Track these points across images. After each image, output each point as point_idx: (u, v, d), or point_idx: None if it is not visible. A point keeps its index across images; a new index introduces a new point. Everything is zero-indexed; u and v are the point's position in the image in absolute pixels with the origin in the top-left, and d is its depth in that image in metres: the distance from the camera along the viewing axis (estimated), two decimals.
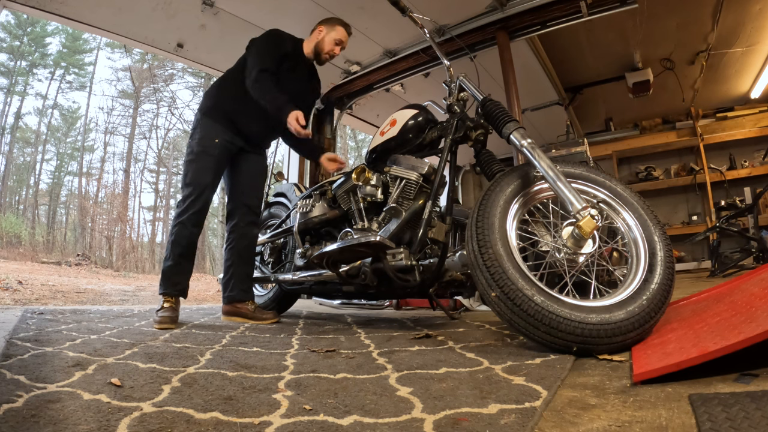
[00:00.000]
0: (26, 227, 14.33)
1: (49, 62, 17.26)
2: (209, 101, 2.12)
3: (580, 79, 4.81)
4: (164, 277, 1.96)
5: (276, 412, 0.71)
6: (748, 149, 5.43)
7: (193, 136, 2.08)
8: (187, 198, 1.98)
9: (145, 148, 18.39)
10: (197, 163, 2.02)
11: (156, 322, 1.75)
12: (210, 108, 2.10)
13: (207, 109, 2.10)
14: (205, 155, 2.02)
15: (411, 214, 1.71)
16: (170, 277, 1.96)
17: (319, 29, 2.17)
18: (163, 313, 1.82)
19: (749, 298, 1.06)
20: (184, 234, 1.97)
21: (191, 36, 3.30)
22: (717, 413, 0.60)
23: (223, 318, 2.11)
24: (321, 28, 2.16)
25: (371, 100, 4.40)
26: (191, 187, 1.99)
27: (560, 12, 2.97)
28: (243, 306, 2.09)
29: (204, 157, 2.02)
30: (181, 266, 1.98)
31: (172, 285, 1.95)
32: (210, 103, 2.11)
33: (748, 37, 4.06)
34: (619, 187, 1.40)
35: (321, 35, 2.15)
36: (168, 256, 1.98)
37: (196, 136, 2.06)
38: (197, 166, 2.01)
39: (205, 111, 2.09)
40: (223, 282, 2.17)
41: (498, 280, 1.15)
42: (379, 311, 2.85)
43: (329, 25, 2.17)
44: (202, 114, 2.09)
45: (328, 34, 2.14)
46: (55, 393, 0.78)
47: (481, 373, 0.94)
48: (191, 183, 2.00)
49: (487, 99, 1.63)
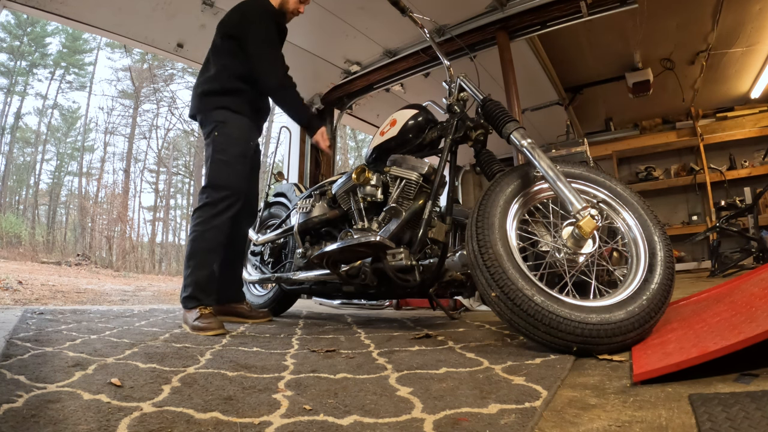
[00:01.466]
0: (26, 227, 14.33)
1: (49, 62, 17.27)
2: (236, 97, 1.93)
3: (580, 79, 4.82)
4: (199, 287, 1.78)
5: (276, 412, 0.71)
6: (748, 149, 5.43)
7: (224, 132, 1.89)
8: (222, 201, 1.84)
9: (145, 148, 18.41)
10: (235, 166, 1.89)
11: (199, 329, 1.63)
12: (239, 103, 1.93)
13: (236, 105, 1.93)
14: (243, 159, 1.92)
15: (411, 214, 1.71)
16: (206, 287, 1.80)
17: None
18: (206, 320, 1.67)
19: (749, 298, 1.06)
20: (219, 238, 1.84)
21: (191, 36, 3.30)
22: (717, 413, 0.60)
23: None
24: None
25: (371, 100, 4.41)
26: (228, 191, 1.86)
27: (560, 12, 2.97)
28: (239, 306, 2.08)
29: (242, 161, 1.91)
30: (214, 274, 1.86)
31: (208, 295, 1.81)
32: (238, 99, 1.94)
33: (748, 37, 4.06)
34: (619, 187, 1.40)
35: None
36: (200, 264, 1.81)
37: (230, 134, 1.89)
38: (235, 170, 1.89)
39: (234, 108, 1.92)
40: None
41: (498, 280, 1.15)
42: (379, 311, 2.85)
43: None
44: (230, 111, 1.91)
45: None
46: (55, 393, 0.78)
47: (481, 373, 0.94)
48: (227, 186, 1.86)
49: (487, 99, 1.63)
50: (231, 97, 1.93)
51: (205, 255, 1.82)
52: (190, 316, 1.71)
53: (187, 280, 1.81)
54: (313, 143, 1.96)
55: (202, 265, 1.81)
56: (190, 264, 1.82)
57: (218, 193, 1.85)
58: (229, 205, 1.86)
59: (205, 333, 1.61)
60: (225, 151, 1.88)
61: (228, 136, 1.90)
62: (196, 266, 1.81)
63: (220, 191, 1.86)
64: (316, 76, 4.01)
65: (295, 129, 3.90)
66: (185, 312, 1.77)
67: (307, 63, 3.73)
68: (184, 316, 1.76)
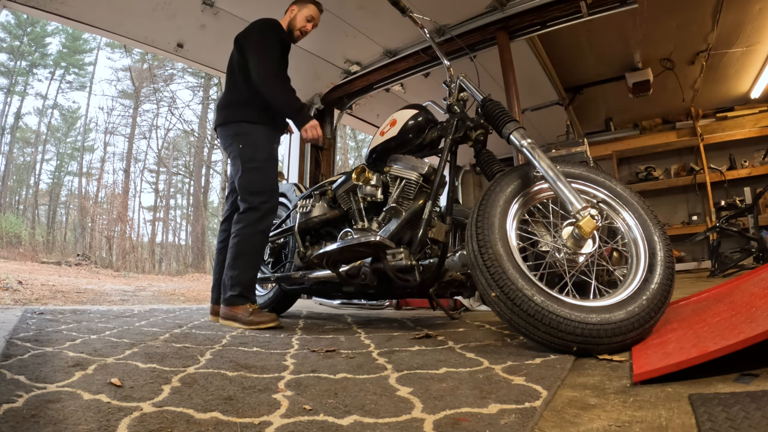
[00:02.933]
0: (26, 227, 14.32)
1: (49, 62, 17.26)
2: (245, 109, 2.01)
3: (580, 79, 4.81)
4: (248, 287, 1.91)
5: (276, 412, 0.71)
6: (748, 149, 5.43)
7: (247, 142, 1.97)
8: (263, 204, 1.93)
9: (145, 148, 18.39)
10: (266, 170, 1.97)
11: (255, 323, 1.78)
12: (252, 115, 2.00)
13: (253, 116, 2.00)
14: (272, 161, 2.01)
15: (411, 214, 1.71)
16: (253, 287, 1.96)
17: (291, 9, 2.19)
18: (260, 315, 1.83)
19: (749, 298, 1.06)
20: (265, 243, 1.98)
21: (191, 36, 3.30)
22: (717, 413, 0.60)
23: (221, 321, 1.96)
24: (293, 8, 2.18)
25: (371, 100, 4.40)
26: (266, 195, 1.95)
27: (560, 12, 2.97)
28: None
29: (271, 164, 2.00)
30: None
31: (254, 294, 1.96)
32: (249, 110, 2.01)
33: (748, 37, 4.06)
34: (619, 187, 1.40)
35: (293, 14, 2.16)
36: (248, 265, 1.92)
37: (253, 142, 1.97)
38: (267, 173, 1.98)
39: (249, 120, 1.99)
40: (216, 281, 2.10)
41: (498, 280, 1.15)
42: (379, 311, 2.85)
43: (300, 4, 2.19)
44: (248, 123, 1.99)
45: (300, 12, 2.16)
46: (55, 393, 0.78)
47: (481, 373, 0.94)
48: (263, 190, 1.95)
49: (487, 99, 1.63)
50: (246, 108, 2.01)
51: (252, 258, 1.94)
52: (242, 312, 1.83)
53: (234, 280, 1.89)
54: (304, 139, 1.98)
55: (250, 267, 1.93)
56: (237, 264, 1.91)
57: (257, 198, 1.94)
58: (270, 208, 1.98)
59: (262, 326, 1.76)
60: (254, 159, 1.96)
61: (252, 144, 1.98)
62: (244, 267, 1.91)
63: (259, 196, 1.94)
64: (316, 76, 4.00)
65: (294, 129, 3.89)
66: (232, 309, 1.86)
67: (307, 63, 3.73)
68: (230, 313, 1.86)
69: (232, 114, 2.02)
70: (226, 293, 1.90)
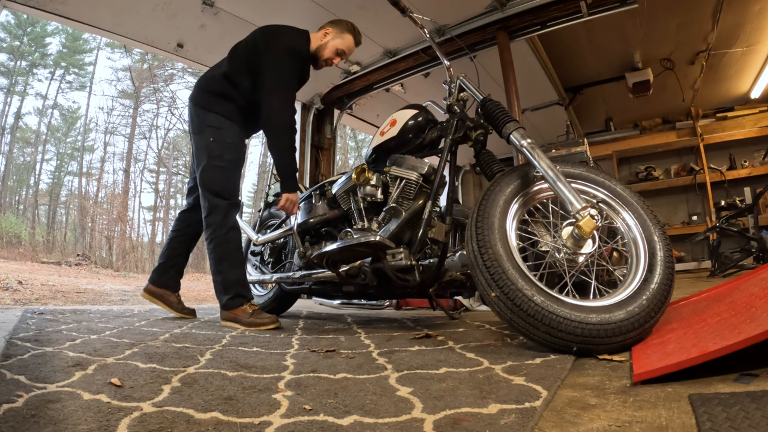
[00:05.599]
0: (26, 227, 14.33)
1: (49, 62, 17.27)
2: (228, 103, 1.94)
3: (580, 79, 4.81)
4: (241, 284, 1.88)
5: (276, 412, 0.71)
6: (748, 149, 5.43)
7: (219, 138, 1.91)
8: (224, 202, 1.89)
9: (145, 148, 18.41)
10: (230, 172, 1.94)
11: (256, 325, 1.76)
12: (231, 112, 1.95)
13: (229, 113, 1.94)
14: (237, 165, 1.97)
15: (411, 214, 1.71)
16: (246, 283, 1.94)
17: (326, 31, 2.02)
18: (261, 316, 1.80)
19: (749, 298, 1.06)
20: (239, 235, 1.95)
21: (191, 36, 3.30)
22: (717, 413, 0.60)
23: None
24: (328, 30, 2.01)
25: (371, 100, 4.40)
26: (227, 194, 1.91)
27: (560, 12, 2.97)
28: (172, 295, 2.13)
29: (235, 167, 1.97)
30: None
31: (248, 288, 1.94)
32: (230, 106, 1.95)
33: (748, 37, 4.06)
34: (618, 187, 1.40)
35: (325, 39, 2.00)
36: (233, 263, 1.88)
37: (224, 140, 1.92)
38: (231, 175, 1.95)
39: (227, 115, 1.94)
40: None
41: (498, 280, 1.15)
42: (379, 311, 2.85)
43: (338, 29, 2.02)
44: (223, 117, 1.93)
45: (332, 40, 2.00)
46: (55, 393, 0.78)
47: (481, 373, 0.94)
48: (226, 190, 1.91)
49: (487, 99, 1.63)
50: (229, 104, 1.95)
51: (234, 256, 1.90)
52: (243, 314, 1.80)
53: (225, 283, 1.86)
54: (278, 204, 1.96)
55: (235, 265, 1.89)
56: (221, 268, 1.87)
57: (218, 199, 1.90)
58: (232, 204, 1.93)
59: (262, 328, 1.73)
60: (221, 157, 1.92)
61: (223, 141, 1.93)
62: (229, 268, 1.87)
63: (220, 196, 1.90)
64: (316, 76, 3.97)
65: None
66: (232, 312, 1.83)
67: None
68: (231, 315, 1.83)
69: (214, 102, 1.93)
70: (222, 299, 1.86)
